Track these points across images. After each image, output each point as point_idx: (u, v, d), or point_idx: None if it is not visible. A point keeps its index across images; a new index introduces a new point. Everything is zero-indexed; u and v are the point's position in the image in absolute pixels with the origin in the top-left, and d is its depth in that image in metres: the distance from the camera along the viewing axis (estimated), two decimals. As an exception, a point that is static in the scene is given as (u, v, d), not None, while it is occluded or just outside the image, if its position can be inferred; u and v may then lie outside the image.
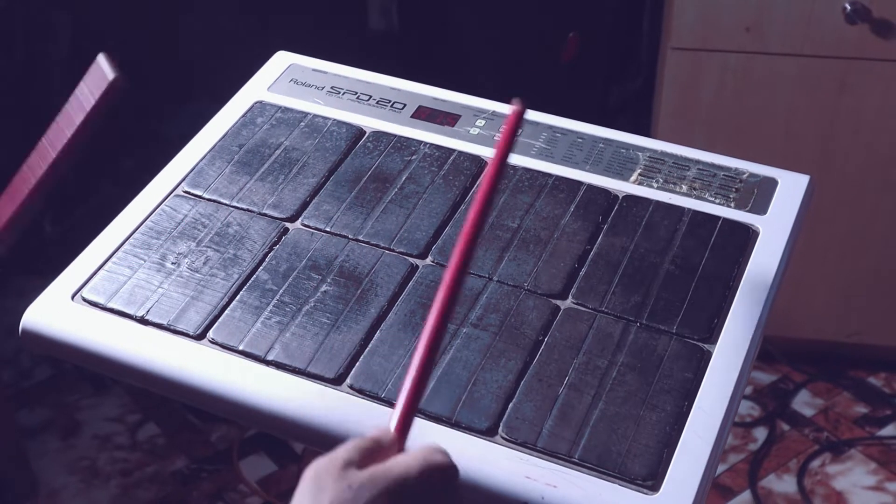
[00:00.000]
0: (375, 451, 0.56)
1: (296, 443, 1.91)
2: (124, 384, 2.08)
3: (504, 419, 0.73)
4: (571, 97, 2.23)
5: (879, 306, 2.06)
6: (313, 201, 0.89)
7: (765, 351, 2.13)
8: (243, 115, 0.97)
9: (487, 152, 0.93)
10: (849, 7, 1.74)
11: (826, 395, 2.12)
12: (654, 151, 0.92)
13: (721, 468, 1.95)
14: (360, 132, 0.95)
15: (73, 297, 0.82)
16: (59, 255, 0.88)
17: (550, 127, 0.95)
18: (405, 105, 0.98)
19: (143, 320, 0.80)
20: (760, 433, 2.04)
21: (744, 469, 1.96)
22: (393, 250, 0.85)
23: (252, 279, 0.83)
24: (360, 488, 0.52)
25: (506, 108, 0.97)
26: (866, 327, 2.09)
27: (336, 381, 0.76)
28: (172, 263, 0.84)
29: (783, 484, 1.93)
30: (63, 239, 2.25)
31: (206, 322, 0.80)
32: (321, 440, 0.74)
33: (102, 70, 0.75)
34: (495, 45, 2.19)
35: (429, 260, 0.84)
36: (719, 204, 0.88)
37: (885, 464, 1.96)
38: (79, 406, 2.09)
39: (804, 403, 2.11)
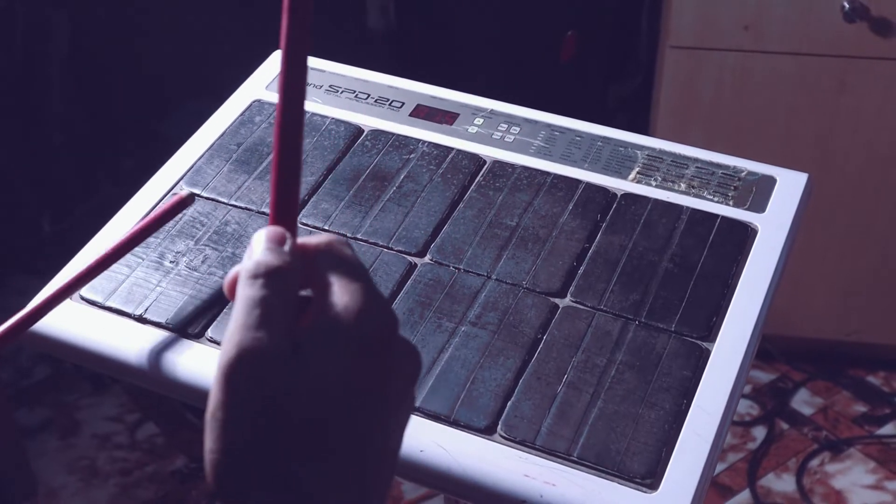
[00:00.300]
0: (286, 285, 0.45)
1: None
2: (123, 383, 2.08)
3: (503, 418, 0.73)
4: (570, 96, 2.23)
5: (878, 305, 2.06)
6: (311, 200, 0.89)
7: (764, 350, 2.13)
8: (241, 114, 0.97)
9: (486, 151, 0.93)
10: (847, 5, 1.74)
11: (825, 394, 2.12)
12: (653, 150, 0.92)
13: (720, 467, 1.95)
14: (358, 131, 0.95)
15: (71, 296, 0.82)
16: (58, 254, 0.88)
17: (549, 125, 0.95)
18: (403, 103, 0.98)
19: (141, 319, 0.80)
20: (759, 432, 2.04)
21: (743, 468, 1.96)
22: (391, 248, 0.85)
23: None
24: (298, 399, 0.42)
25: (505, 107, 0.97)
26: (865, 326, 2.09)
27: (334, 380, 0.76)
28: (171, 262, 0.84)
29: (782, 483, 1.93)
30: (62, 238, 2.25)
31: (205, 320, 0.80)
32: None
33: (179, 195, 0.78)
34: (494, 43, 2.19)
35: (427, 258, 0.84)
36: (718, 202, 0.87)
37: (884, 462, 1.96)
38: (78, 405, 2.09)
39: (803, 402, 2.11)
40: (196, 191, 0.90)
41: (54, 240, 2.27)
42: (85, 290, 0.82)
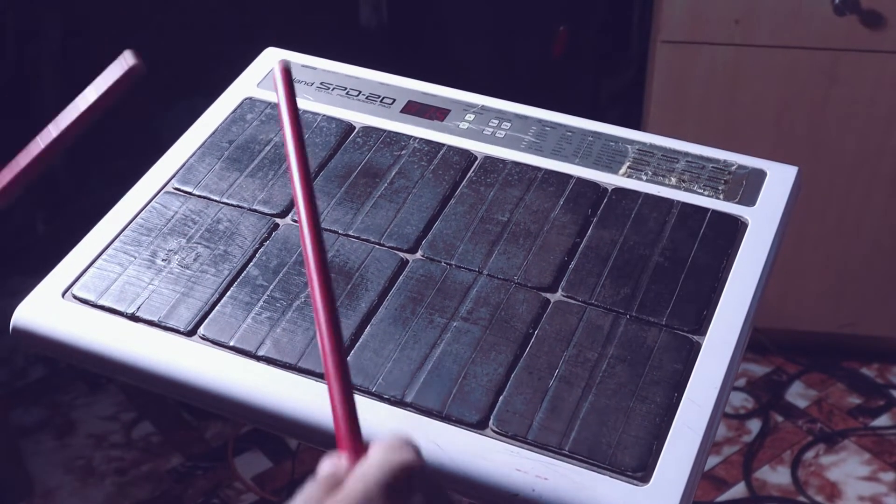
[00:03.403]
0: (334, 482, 0.51)
1: (290, 439, 1.91)
2: (119, 383, 2.08)
3: (494, 412, 0.73)
4: (562, 91, 2.24)
5: (872, 297, 2.07)
6: (303, 197, 0.89)
7: (758, 343, 2.13)
8: (233, 112, 0.97)
9: (477, 146, 0.93)
10: (837, -1, 1.75)
11: (819, 387, 2.13)
12: (643, 144, 0.93)
13: (715, 460, 1.96)
14: (349, 127, 0.95)
15: (63, 295, 0.82)
16: (52, 253, 0.88)
17: (539, 120, 0.95)
18: (395, 100, 0.98)
19: (133, 317, 0.80)
20: (754, 425, 2.04)
21: (738, 461, 1.96)
22: (383, 245, 0.85)
23: (242, 275, 0.83)
24: None
25: (496, 102, 0.97)
26: (859, 318, 2.10)
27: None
28: (163, 260, 0.84)
29: (777, 475, 1.93)
30: (55, 238, 2.25)
31: (197, 318, 0.80)
32: (313, 435, 0.75)
33: (125, 59, 0.76)
34: (486, 40, 2.19)
35: (419, 254, 0.84)
36: (708, 196, 0.88)
37: (878, 454, 1.97)
38: (73, 405, 2.09)
39: (798, 395, 2.11)
40: (188, 189, 0.90)
41: (48, 240, 2.27)
42: (77, 289, 0.82)
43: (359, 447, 0.53)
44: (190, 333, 0.79)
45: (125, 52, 0.80)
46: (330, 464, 0.52)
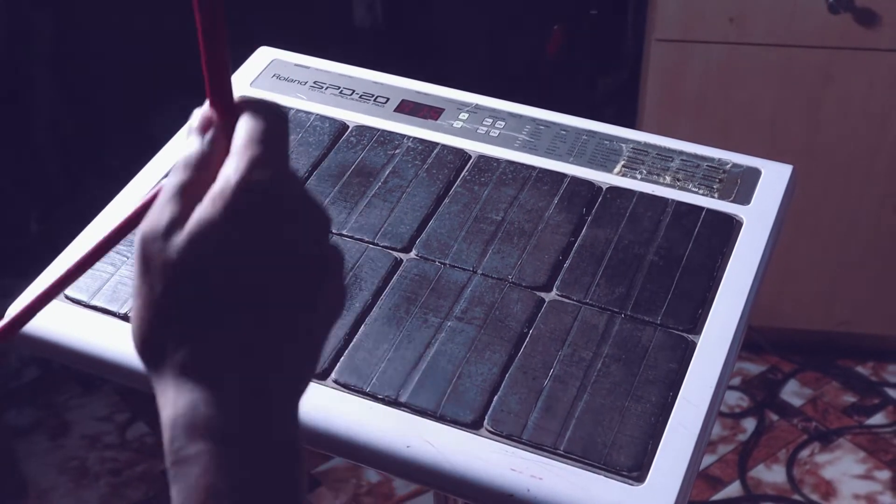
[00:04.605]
0: (196, 177, 0.47)
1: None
2: (113, 383, 2.07)
3: (489, 412, 0.73)
4: (557, 90, 2.23)
5: (867, 295, 2.07)
6: (297, 197, 0.89)
7: (753, 341, 2.13)
8: (226, 111, 0.97)
9: (471, 145, 0.93)
10: (832, -3, 1.75)
11: (814, 385, 2.13)
12: (638, 143, 0.92)
13: (710, 459, 1.96)
14: (343, 127, 0.95)
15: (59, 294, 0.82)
16: (46, 254, 0.88)
17: (534, 119, 0.95)
18: (388, 99, 0.98)
19: (126, 317, 0.80)
20: (749, 424, 2.04)
21: (733, 459, 1.96)
22: (377, 244, 0.85)
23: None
24: (181, 262, 0.45)
25: (489, 101, 0.97)
26: (854, 317, 2.10)
27: (321, 376, 0.76)
28: (156, 260, 0.84)
29: (772, 474, 1.93)
30: (49, 238, 2.24)
31: (190, 319, 0.79)
32: (305, 437, 0.74)
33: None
34: (480, 39, 2.19)
35: (413, 254, 0.84)
36: (703, 194, 0.88)
37: (873, 452, 1.97)
38: (67, 406, 2.09)
39: (793, 393, 2.11)
40: (180, 189, 0.90)
41: (42, 240, 2.27)
42: (70, 290, 0.82)
43: (225, 104, 0.50)
44: (183, 334, 0.79)
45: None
46: (196, 136, 0.49)
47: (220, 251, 0.45)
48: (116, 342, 0.79)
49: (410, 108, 0.96)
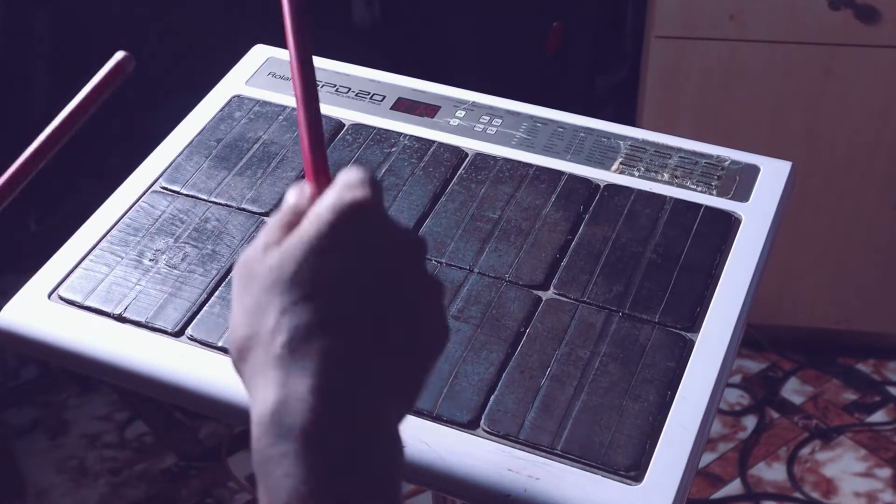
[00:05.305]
0: (294, 218, 0.50)
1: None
2: (111, 382, 2.07)
3: (486, 412, 0.72)
4: (557, 88, 2.23)
5: (868, 293, 2.06)
6: (292, 195, 0.88)
7: (753, 339, 2.13)
8: (221, 110, 0.97)
9: (468, 143, 0.92)
10: (832, -7, 1.74)
11: (815, 383, 2.12)
12: (636, 140, 0.92)
13: (710, 457, 1.95)
14: (339, 125, 0.94)
15: (49, 296, 0.81)
16: (44, 252, 0.87)
17: (531, 117, 0.94)
18: (384, 97, 0.97)
19: (120, 318, 0.80)
20: (750, 421, 2.04)
21: (733, 457, 1.96)
22: (373, 243, 0.84)
23: (231, 275, 0.82)
24: (281, 265, 0.47)
25: (486, 99, 0.96)
26: (855, 314, 2.09)
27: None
28: (150, 260, 0.83)
29: (773, 472, 1.93)
30: (48, 237, 2.24)
31: (185, 319, 0.79)
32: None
33: (116, 57, 0.76)
34: (480, 37, 2.18)
35: (409, 252, 0.83)
36: (701, 192, 0.87)
37: (874, 450, 1.96)
38: (66, 405, 2.08)
39: (793, 391, 2.11)
40: (175, 188, 0.90)
41: (40, 238, 2.26)
42: (63, 290, 0.82)
43: (323, 179, 0.53)
44: (178, 334, 0.78)
45: (118, 52, 0.79)
46: (293, 194, 0.52)
47: (316, 257, 0.47)
48: (110, 343, 0.78)
49: (407, 105, 0.96)
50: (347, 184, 0.49)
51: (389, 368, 0.48)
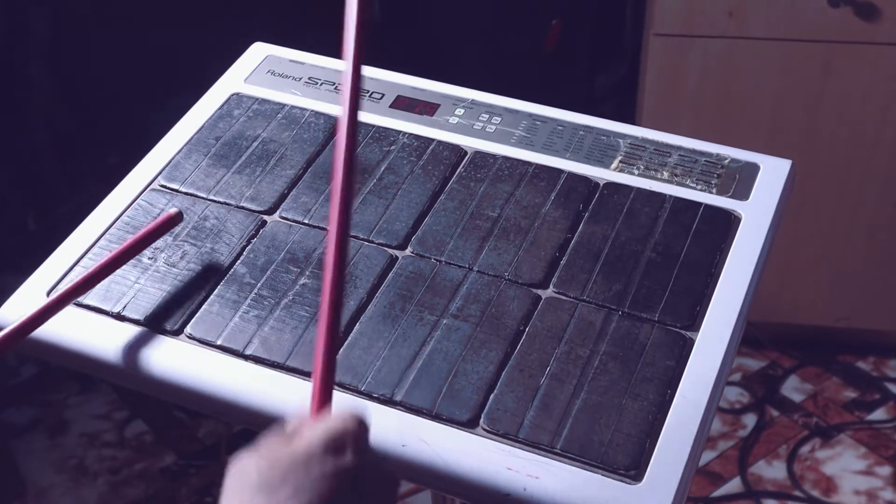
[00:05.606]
0: (291, 437, 0.60)
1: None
2: (111, 381, 2.07)
3: (485, 411, 0.72)
4: (556, 86, 2.23)
5: (868, 291, 2.06)
6: (291, 193, 0.88)
7: (753, 337, 2.12)
8: (220, 108, 0.96)
9: (467, 141, 0.92)
10: (831, -10, 1.74)
11: (815, 381, 2.12)
12: (635, 138, 0.92)
13: (710, 455, 1.95)
14: (338, 123, 0.94)
15: (48, 294, 0.81)
16: (43, 252, 0.87)
17: (530, 115, 0.94)
18: (384, 95, 0.97)
19: (119, 316, 0.79)
20: (750, 419, 2.03)
21: (733, 455, 1.96)
22: (372, 242, 0.84)
23: (230, 273, 0.82)
24: (271, 469, 0.57)
25: (485, 97, 0.96)
26: (855, 312, 2.09)
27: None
28: (149, 258, 0.83)
29: (773, 470, 1.93)
30: (47, 236, 2.23)
31: (184, 317, 0.79)
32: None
33: (169, 212, 0.80)
34: (478, 34, 2.18)
35: (408, 251, 0.83)
36: (701, 190, 0.87)
37: (874, 448, 1.96)
38: (66, 404, 2.08)
39: (793, 389, 2.11)
40: (174, 186, 0.89)
41: (39, 238, 2.26)
42: (62, 288, 0.81)
43: (324, 411, 0.63)
44: (176, 333, 0.78)
45: (172, 208, 0.85)
46: (295, 419, 0.62)
47: (301, 467, 0.57)
48: (110, 341, 0.78)
49: (406, 103, 0.96)
50: (342, 416, 0.60)
51: None
